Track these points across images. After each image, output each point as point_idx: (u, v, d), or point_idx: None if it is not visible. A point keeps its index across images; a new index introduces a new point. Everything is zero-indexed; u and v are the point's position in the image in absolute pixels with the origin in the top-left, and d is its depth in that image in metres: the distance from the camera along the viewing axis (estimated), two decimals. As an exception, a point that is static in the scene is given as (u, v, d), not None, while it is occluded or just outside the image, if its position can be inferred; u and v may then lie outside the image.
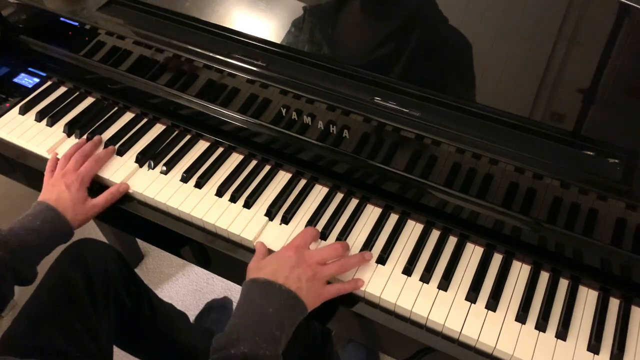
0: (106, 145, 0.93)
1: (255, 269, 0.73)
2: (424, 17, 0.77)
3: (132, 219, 0.89)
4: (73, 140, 0.95)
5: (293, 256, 0.73)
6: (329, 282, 0.74)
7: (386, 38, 0.79)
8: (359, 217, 0.84)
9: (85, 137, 0.95)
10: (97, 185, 0.89)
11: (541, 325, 0.71)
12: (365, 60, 0.80)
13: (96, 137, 0.94)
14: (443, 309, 0.73)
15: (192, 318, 1.43)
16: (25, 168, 0.95)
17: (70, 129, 0.96)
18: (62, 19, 0.96)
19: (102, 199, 0.86)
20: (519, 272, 0.77)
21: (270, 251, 0.80)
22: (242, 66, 0.83)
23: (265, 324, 0.65)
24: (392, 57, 0.79)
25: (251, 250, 0.82)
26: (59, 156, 0.91)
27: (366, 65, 0.79)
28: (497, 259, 0.79)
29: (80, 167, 0.87)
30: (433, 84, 0.76)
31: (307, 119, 0.83)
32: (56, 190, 0.84)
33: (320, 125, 0.82)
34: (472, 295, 0.74)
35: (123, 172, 0.90)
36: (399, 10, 0.78)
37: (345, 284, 0.74)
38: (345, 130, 0.81)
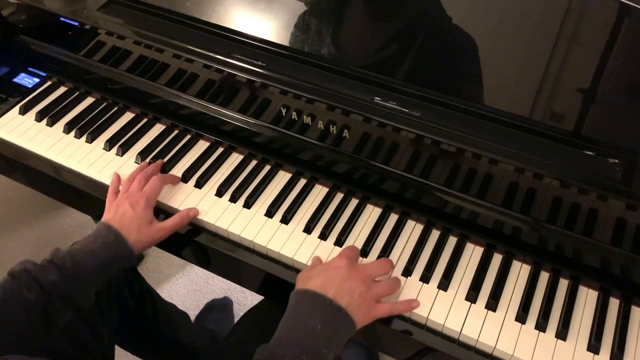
0: (106, 145, 0.93)
1: (305, 278, 0.69)
2: (424, 18, 0.77)
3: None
4: (73, 140, 0.95)
5: (344, 267, 0.69)
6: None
7: (385, 38, 0.79)
8: (359, 217, 0.84)
9: (147, 160, 0.91)
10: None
11: (541, 325, 0.71)
12: (365, 60, 0.80)
13: (158, 161, 0.89)
14: (443, 308, 0.73)
15: (192, 318, 1.43)
16: (25, 168, 0.95)
17: (70, 129, 0.96)
18: (62, 19, 0.96)
19: (172, 222, 0.80)
20: (519, 272, 0.77)
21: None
22: (242, 66, 0.83)
23: (313, 341, 0.62)
24: (392, 57, 0.78)
25: (251, 250, 0.82)
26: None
27: (366, 65, 0.79)
28: (497, 259, 0.79)
29: (144, 187, 0.82)
30: (433, 84, 0.76)
31: (307, 119, 0.83)
32: (120, 211, 0.78)
33: (320, 125, 0.82)
34: (472, 295, 0.74)
35: (122, 172, 0.90)
36: (399, 11, 0.78)
37: (398, 304, 0.71)
38: (345, 130, 0.81)
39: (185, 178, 0.89)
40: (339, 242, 0.80)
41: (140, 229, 0.77)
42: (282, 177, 0.89)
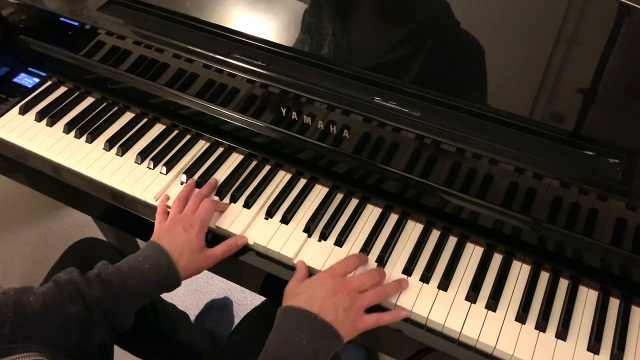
0: (106, 145, 0.93)
1: (292, 294, 0.71)
2: (424, 18, 0.77)
3: (133, 219, 0.89)
4: (73, 140, 0.95)
5: (329, 282, 0.69)
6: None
7: (385, 38, 0.79)
8: (359, 217, 0.84)
9: (195, 177, 0.88)
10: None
11: (541, 325, 0.71)
12: (365, 60, 0.80)
13: (212, 180, 0.87)
14: (443, 308, 0.73)
15: (192, 318, 1.43)
16: (25, 168, 0.95)
17: (70, 129, 0.96)
18: (62, 19, 0.96)
19: (220, 250, 0.78)
20: (519, 272, 0.77)
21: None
22: (242, 66, 0.83)
23: (298, 356, 0.63)
24: (392, 57, 0.78)
25: (250, 250, 0.82)
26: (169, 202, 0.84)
27: (366, 66, 0.79)
28: (497, 259, 0.79)
29: (198, 209, 0.80)
30: (433, 84, 0.76)
31: (307, 119, 0.83)
32: (173, 233, 0.76)
33: (320, 125, 0.82)
34: (472, 295, 0.74)
35: (122, 172, 0.90)
36: (399, 11, 0.78)
37: (385, 314, 0.71)
38: (345, 130, 0.81)
39: (186, 179, 0.89)
40: (339, 242, 0.80)
41: (190, 255, 0.75)
42: (282, 177, 0.89)
